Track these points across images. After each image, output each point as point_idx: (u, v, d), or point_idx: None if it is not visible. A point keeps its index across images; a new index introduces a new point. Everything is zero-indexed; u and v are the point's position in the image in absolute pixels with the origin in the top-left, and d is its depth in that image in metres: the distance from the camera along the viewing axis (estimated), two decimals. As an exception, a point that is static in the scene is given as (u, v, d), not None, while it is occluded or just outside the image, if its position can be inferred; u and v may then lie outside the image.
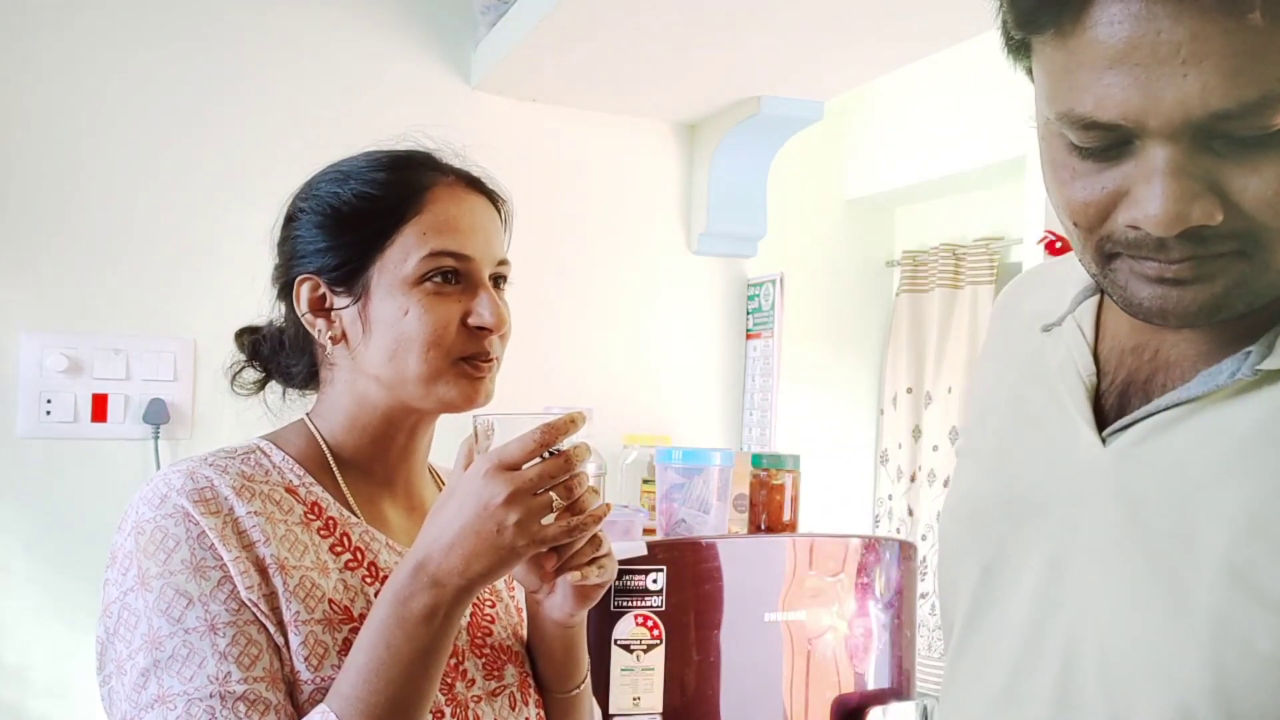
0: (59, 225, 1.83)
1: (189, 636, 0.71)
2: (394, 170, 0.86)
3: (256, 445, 0.85)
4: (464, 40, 2.13)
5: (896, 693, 1.75)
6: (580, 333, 2.23)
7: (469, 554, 0.71)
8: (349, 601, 0.79)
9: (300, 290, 0.85)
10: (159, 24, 1.90)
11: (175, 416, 1.87)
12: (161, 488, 0.76)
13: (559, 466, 0.72)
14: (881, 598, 1.75)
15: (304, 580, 0.77)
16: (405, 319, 0.81)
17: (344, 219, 0.85)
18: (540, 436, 0.72)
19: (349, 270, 0.83)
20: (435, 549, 0.72)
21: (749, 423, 2.34)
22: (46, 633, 1.78)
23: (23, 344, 1.79)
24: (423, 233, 0.82)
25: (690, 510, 1.64)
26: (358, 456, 0.86)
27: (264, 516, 0.77)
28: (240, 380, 0.93)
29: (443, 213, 0.84)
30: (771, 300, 2.29)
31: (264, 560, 0.75)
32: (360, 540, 0.83)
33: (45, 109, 1.82)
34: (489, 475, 0.72)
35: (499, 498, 0.71)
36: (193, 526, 0.74)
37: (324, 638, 0.76)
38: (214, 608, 0.72)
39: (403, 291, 0.82)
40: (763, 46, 1.84)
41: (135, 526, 0.75)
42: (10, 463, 1.79)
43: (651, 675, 1.54)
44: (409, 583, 0.73)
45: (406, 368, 0.82)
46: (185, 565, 0.73)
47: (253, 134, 1.95)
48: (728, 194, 2.29)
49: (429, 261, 0.82)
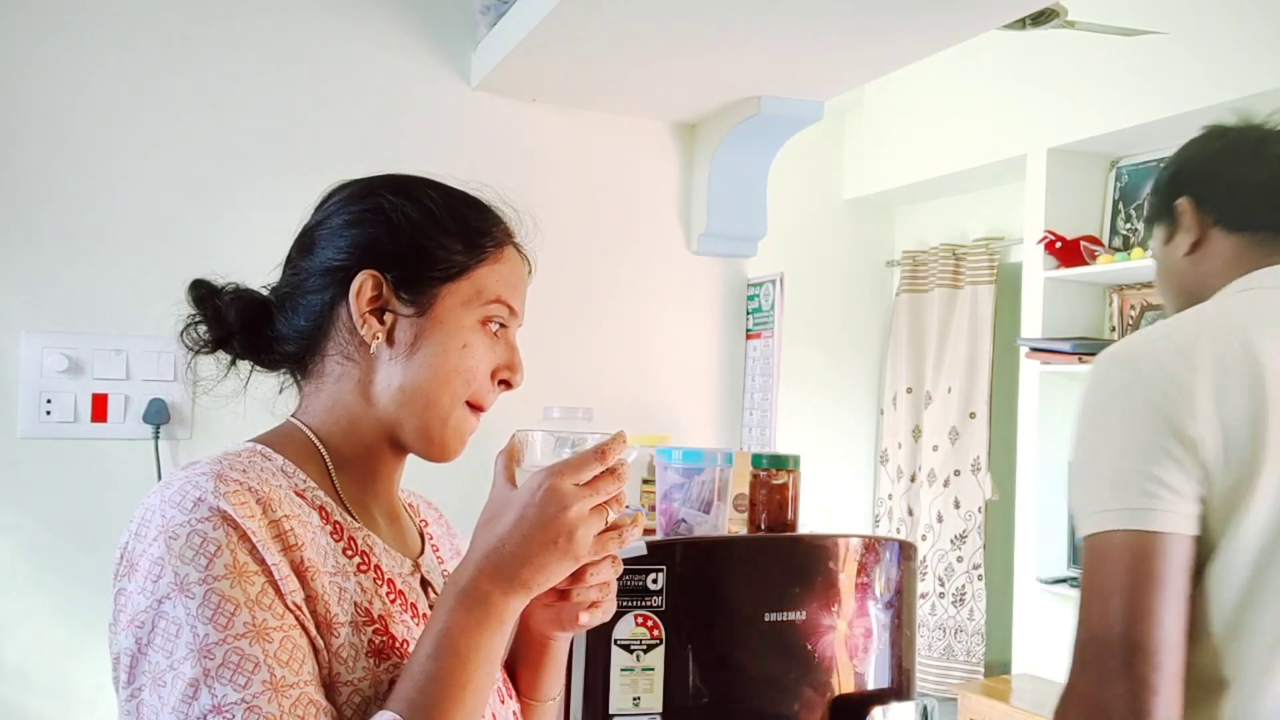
0: (59, 225, 1.83)
1: (239, 643, 0.70)
2: (487, 214, 0.91)
3: (255, 449, 0.83)
4: (464, 40, 2.13)
5: (896, 693, 1.75)
6: (580, 332, 2.23)
7: (538, 563, 0.75)
8: (368, 604, 0.80)
9: (364, 284, 0.85)
10: (159, 25, 1.90)
11: (175, 416, 1.87)
12: (191, 491, 0.74)
13: (611, 481, 0.78)
14: (881, 598, 1.75)
15: (331, 584, 0.78)
16: (463, 351, 0.85)
17: (443, 231, 0.87)
18: (599, 453, 0.78)
19: (423, 282, 0.86)
20: (503, 559, 0.76)
21: (749, 423, 2.34)
22: (46, 633, 1.78)
23: (23, 344, 1.79)
24: (496, 279, 0.88)
25: (690, 510, 1.64)
26: (351, 460, 0.87)
27: (295, 519, 0.77)
28: (191, 334, 0.92)
29: (511, 268, 0.90)
30: (771, 300, 2.29)
31: (301, 564, 0.75)
32: (364, 544, 0.84)
33: (46, 109, 1.82)
34: (553, 488, 0.76)
35: (567, 509, 0.75)
36: (232, 530, 0.73)
37: (354, 639, 0.77)
38: (259, 614, 0.71)
39: (469, 324, 0.86)
40: (763, 46, 1.84)
41: (164, 531, 0.73)
42: (10, 463, 1.79)
43: (651, 675, 1.54)
44: (472, 589, 0.75)
45: (439, 394, 0.85)
46: (229, 570, 0.71)
47: (253, 134, 1.95)
48: (728, 194, 2.29)
49: (496, 307, 0.87)
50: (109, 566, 0.76)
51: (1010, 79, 3.74)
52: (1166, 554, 0.98)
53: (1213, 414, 0.98)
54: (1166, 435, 0.98)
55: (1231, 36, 3.00)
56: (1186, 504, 0.98)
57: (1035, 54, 3.58)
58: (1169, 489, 0.98)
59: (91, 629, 1.78)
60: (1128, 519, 0.99)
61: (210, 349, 0.91)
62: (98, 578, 1.73)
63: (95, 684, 1.79)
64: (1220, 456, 0.98)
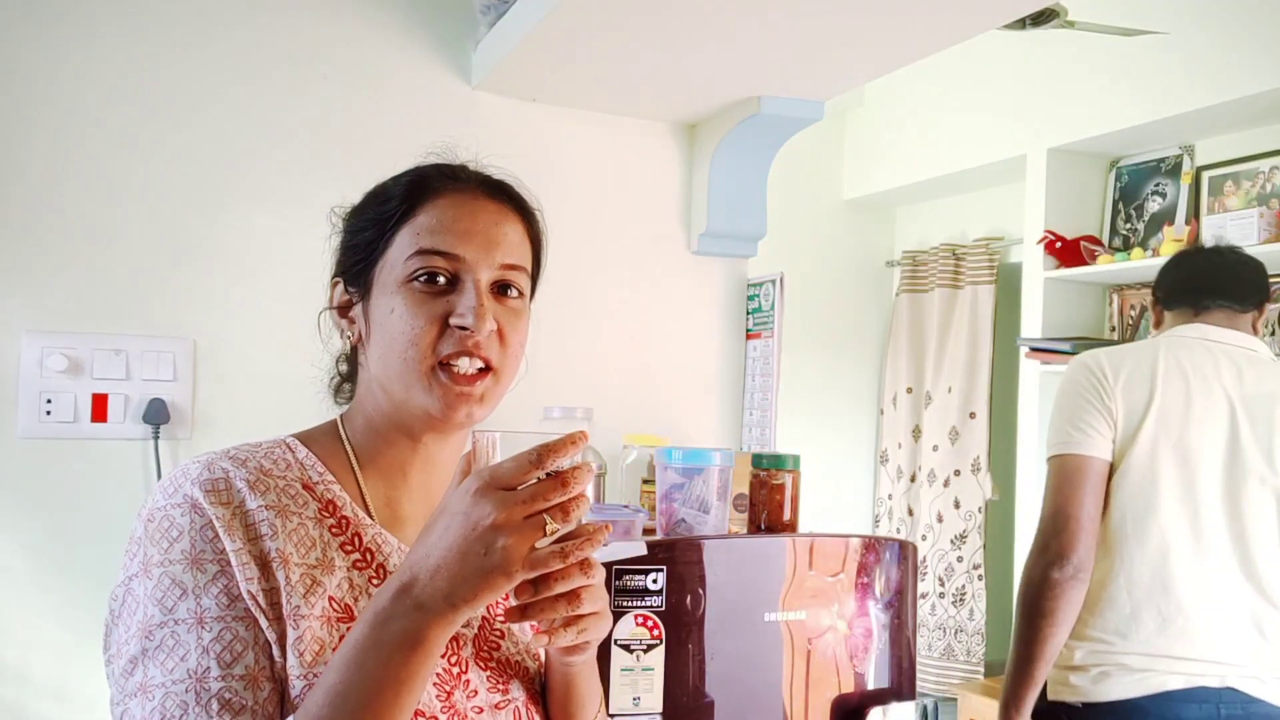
0: (59, 226, 1.83)
1: (177, 628, 0.72)
2: (415, 174, 0.89)
3: (283, 440, 0.87)
4: (464, 40, 2.13)
5: (896, 693, 1.75)
6: (580, 332, 2.23)
7: (455, 577, 0.67)
8: (352, 600, 0.79)
9: (332, 293, 0.91)
10: (159, 25, 1.90)
11: (175, 416, 1.87)
12: (179, 477, 0.78)
13: (553, 487, 0.68)
14: (881, 598, 1.75)
15: (305, 575, 0.77)
16: (391, 317, 0.82)
17: (359, 220, 0.89)
18: (535, 456, 0.68)
19: (358, 270, 0.87)
20: (421, 570, 0.69)
21: (749, 423, 2.34)
22: (46, 633, 1.78)
23: (23, 344, 1.79)
24: (416, 233, 0.84)
25: (690, 510, 1.64)
26: (377, 458, 0.88)
27: (275, 510, 0.78)
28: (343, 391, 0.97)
29: (441, 215, 0.85)
30: (771, 300, 2.29)
31: (268, 554, 0.75)
32: (372, 542, 0.83)
33: (46, 109, 1.82)
34: (479, 494, 0.68)
35: (488, 519, 0.67)
36: (198, 517, 0.75)
37: (320, 634, 0.75)
38: (205, 601, 0.73)
39: (392, 290, 0.83)
40: (763, 46, 1.84)
41: (148, 514, 0.77)
42: (10, 463, 1.79)
43: (651, 675, 1.54)
44: (390, 604, 0.69)
45: (390, 368, 0.83)
46: (184, 556, 0.74)
47: (253, 134, 1.95)
48: (728, 194, 2.29)
49: (416, 260, 0.83)
50: (109, 566, 0.79)
51: (1010, 79, 3.74)
52: (1088, 467, 1.78)
53: (1120, 396, 1.79)
54: (1094, 405, 1.80)
55: (1231, 36, 3.00)
56: (1103, 441, 1.79)
57: (1035, 54, 3.58)
58: (1093, 432, 1.79)
59: (92, 629, 1.77)
60: (1067, 448, 1.80)
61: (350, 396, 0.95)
62: (98, 576, 1.72)
63: (95, 684, 1.78)
64: (1123, 419, 1.78)
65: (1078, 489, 1.76)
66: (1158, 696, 1.68)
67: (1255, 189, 3.24)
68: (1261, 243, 2.97)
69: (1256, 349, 1.83)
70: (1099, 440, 1.78)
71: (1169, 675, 1.69)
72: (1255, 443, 1.74)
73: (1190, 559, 1.73)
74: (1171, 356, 1.80)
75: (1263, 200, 3.19)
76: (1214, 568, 1.73)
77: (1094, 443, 1.78)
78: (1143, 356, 1.81)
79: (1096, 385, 1.80)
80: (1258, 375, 1.78)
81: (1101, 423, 1.78)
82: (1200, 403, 1.76)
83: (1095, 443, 1.78)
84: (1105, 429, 1.78)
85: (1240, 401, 1.75)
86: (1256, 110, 3.09)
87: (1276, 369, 1.81)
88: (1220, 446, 1.75)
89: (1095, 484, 1.76)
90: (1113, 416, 1.78)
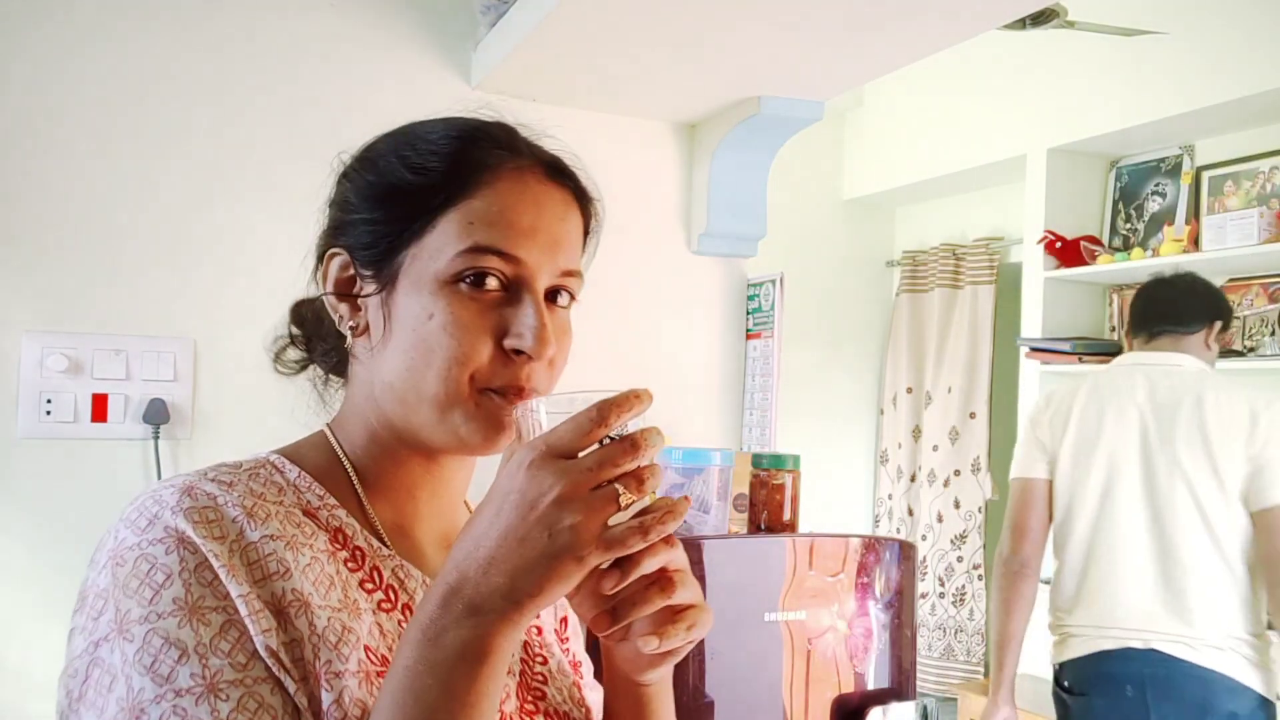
0: (59, 226, 1.83)
1: (181, 701, 0.55)
2: (461, 142, 0.70)
3: (267, 459, 0.70)
4: (464, 40, 2.13)
5: (896, 693, 1.75)
6: (580, 332, 2.22)
7: (515, 568, 0.55)
8: (387, 650, 0.64)
9: (329, 265, 0.72)
10: (159, 25, 1.90)
11: (175, 416, 1.87)
12: (150, 507, 0.61)
13: (623, 451, 0.56)
14: (881, 598, 1.75)
15: (333, 622, 0.61)
16: (429, 324, 0.66)
17: (390, 190, 0.70)
18: (596, 414, 0.56)
19: (382, 251, 0.69)
20: (470, 568, 0.56)
21: (749, 423, 2.34)
22: (47, 633, 1.78)
23: (23, 344, 1.79)
24: (469, 222, 0.67)
25: (690, 510, 1.64)
26: (382, 475, 0.72)
27: (283, 541, 0.62)
28: (284, 359, 0.79)
29: (500, 202, 0.68)
30: (771, 300, 2.29)
31: (283, 597, 0.60)
32: (393, 577, 0.69)
33: (45, 109, 1.82)
34: (535, 466, 0.56)
35: (550, 494, 0.55)
36: (189, 555, 0.58)
37: (360, 694, 0.60)
38: (215, 661, 0.56)
39: (431, 290, 0.67)
40: (763, 46, 1.84)
41: (113, 556, 0.59)
42: (10, 463, 1.79)
43: (651, 675, 1.54)
44: (439, 614, 0.56)
45: (424, 384, 0.67)
46: (178, 606, 0.57)
47: (253, 134, 1.95)
48: (728, 194, 2.29)
49: (468, 258, 0.66)
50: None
51: (1010, 79, 3.74)
52: (1032, 488, 2.27)
53: (1047, 427, 2.26)
54: (1033, 436, 2.29)
55: (1231, 36, 3.00)
56: (1042, 465, 2.26)
57: (1035, 54, 3.58)
58: (1033, 459, 2.27)
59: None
60: (1017, 472, 2.32)
61: (299, 369, 0.80)
62: (98, 578, 1.72)
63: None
64: (1049, 445, 2.25)
65: (1024, 505, 2.27)
66: (1096, 656, 2.14)
67: (1255, 189, 3.24)
68: (1261, 242, 2.97)
69: (1182, 364, 2.17)
70: (1039, 465, 2.27)
71: (1102, 639, 2.13)
72: (1161, 443, 2.10)
73: (1111, 546, 2.14)
74: (1093, 387, 2.23)
75: (1263, 200, 3.19)
76: (1133, 551, 2.12)
77: (1036, 467, 2.27)
78: (1069, 392, 2.28)
79: (1035, 420, 2.31)
80: (1170, 386, 2.13)
81: (1038, 450, 2.28)
82: (1113, 418, 2.17)
83: (1036, 467, 2.27)
84: (1041, 455, 2.27)
85: (1151, 411, 2.13)
86: (1256, 110, 3.09)
87: (1193, 379, 2.13)
88: (1135, 451, 2.13)
89: (1039, 500, 2.26)
90: (1044, 445, 2.27)
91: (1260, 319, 3.20)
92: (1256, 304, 3.23)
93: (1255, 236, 2.98)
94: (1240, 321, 3.25)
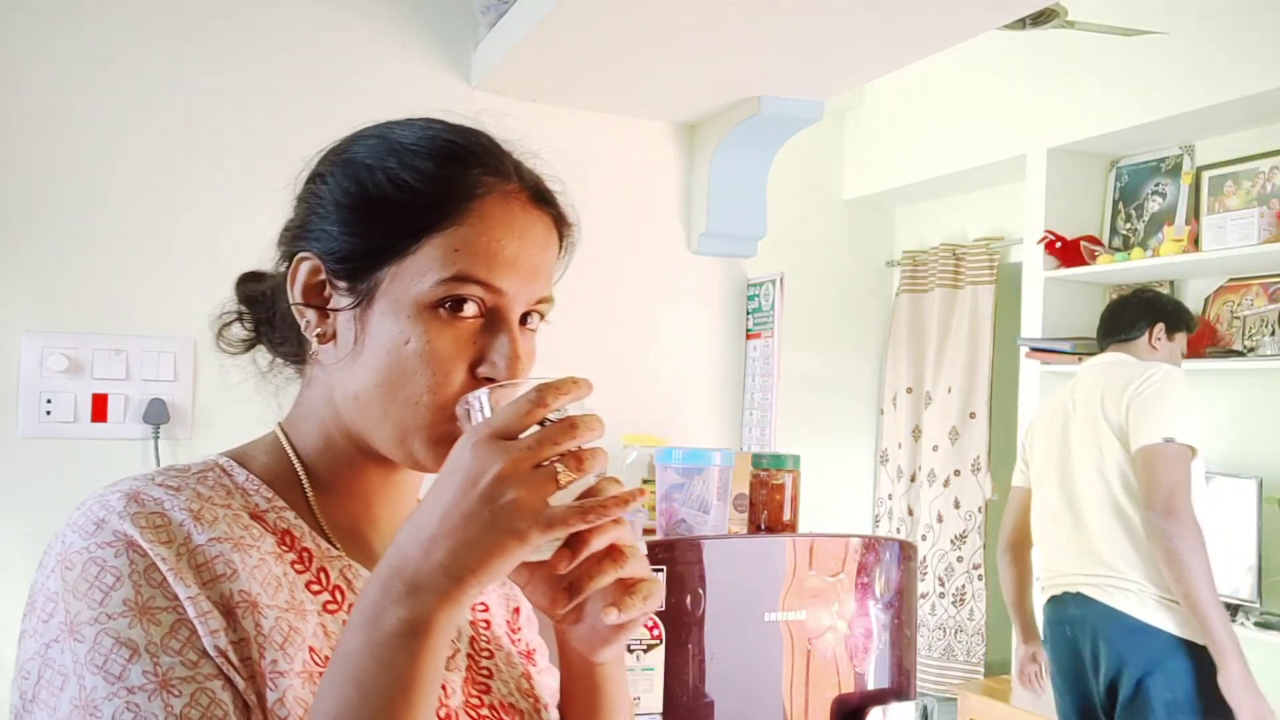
0: (59, 226, 1.83)
1: (134, 697, 0.55)
2: (446, 161, 0.69)
3: (215, 463, 0.71)
4: (464, 40, 2.13)
5: (896, 693, 1.75)
6: (580, 332, 2.23)
7: (456, 545, 0.56)
8: (330, 650, 0.65)
9: (298, 269, 0.71)
10: (158, 25, 1.90)
11: (175, 416, 1.87)
12: (97, 511, 0.62)
13: (561, 430, 0.58)
14: (881, 598, 1.75)
15: (280, 622, 0.62)
16: (405, 348, 0.66)
17: (372, 203, 0.69)
18: (535, 395, 0.58)
19: (359, 266, 0.68)
20: (412, 548, 0.57)
21: (749, 423, 2.34)
22: (46, 633, 1.78)
23: (23, 344, 1.79)
24: (455, 249, 0.66)
25: (690, 510, 1.64)
26: (336, 479, 0.72)
27: (230, 543, 0.63)
28: (227, 335, 0.79)
29: (487, 231, 0.68)
30: (771, 300, 2.29)
31: (231, 598, 0.60)
32: (340, 578, 0.69)
33: (45, 109, 1.82)
34: (478, 446, 0.57)
35: (492, 470, 0.56)
36: (138, 558, 0.59)
37: (303, 693, 0.61)
38: (166, 660, 0.57)
39: (410, 313, 0.66)
40: (763, 46, 1.84)
41: (61, 560, 0.61)
42: (11, 463, 1.79)
43: (651, 675, 1.54)
44: (379, 596, 0.57)
45: (391, 407, 0.67)
46: (128, 607, 0.58)
47: (253, 134, 1.95)
48: (728, 194, 2.29)
49: (450, 286, 0.66)
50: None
51: (1010, 79, 3.74)
52: (1016, 494, 2.74)
53: (1028, 438, 2.72)
54: (1022, 451, 2.76)
55: (1231, 36, 3.00)
56: (1021, 474, 2.72)
57: (1035, 54, 3.58)
58: (1020, 468, 2.74)
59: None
60: (1014, 481, 2.78)
61: (245, 349, 0.79)
62: (98, 578, 1.72)
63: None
64: (1028, 453, 2.68)
65: (1009, 508, 2.78)
66: (1048, 603, 2.58)
67: (1255, 189, 3.24)
68: (1261, 242, 2.97)
69: (1120, 360, 2.50)
70: (1020, 474, 2.75)
71: (1053, 588, 2.56)
72: (1080, 414, 2.48)
73: (1048, 518, 2.57)
74: (1050, 398, 2.74)
75: (1263, 200, 3.19)
76: (1051, 501, 2.54)
77: (1018, 476, 2.76)
78: (1041, 406, 2.84)
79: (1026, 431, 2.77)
80: (1092, 380, 2.47)
81: (1021, 460, 2.74)
82: (1060, 418, 2.55)
83: (1018, 476, 2.76)
84: (1022, 464, 2.73)
85: (1073, 404, 2.50)
86: (1256, 110, 3.09)
87: (1120, 371, 2.42)
88: (1056, 442, 2.54)
89: (1017, 502, 2.74)
90: (1024, 454, 2.73)
91: (1260, 319, 3.20)
92: (1256, 304, 3.23)
93: (1255, 236, 2.98)
94: (1240, 321, 3.25)
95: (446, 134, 0.72)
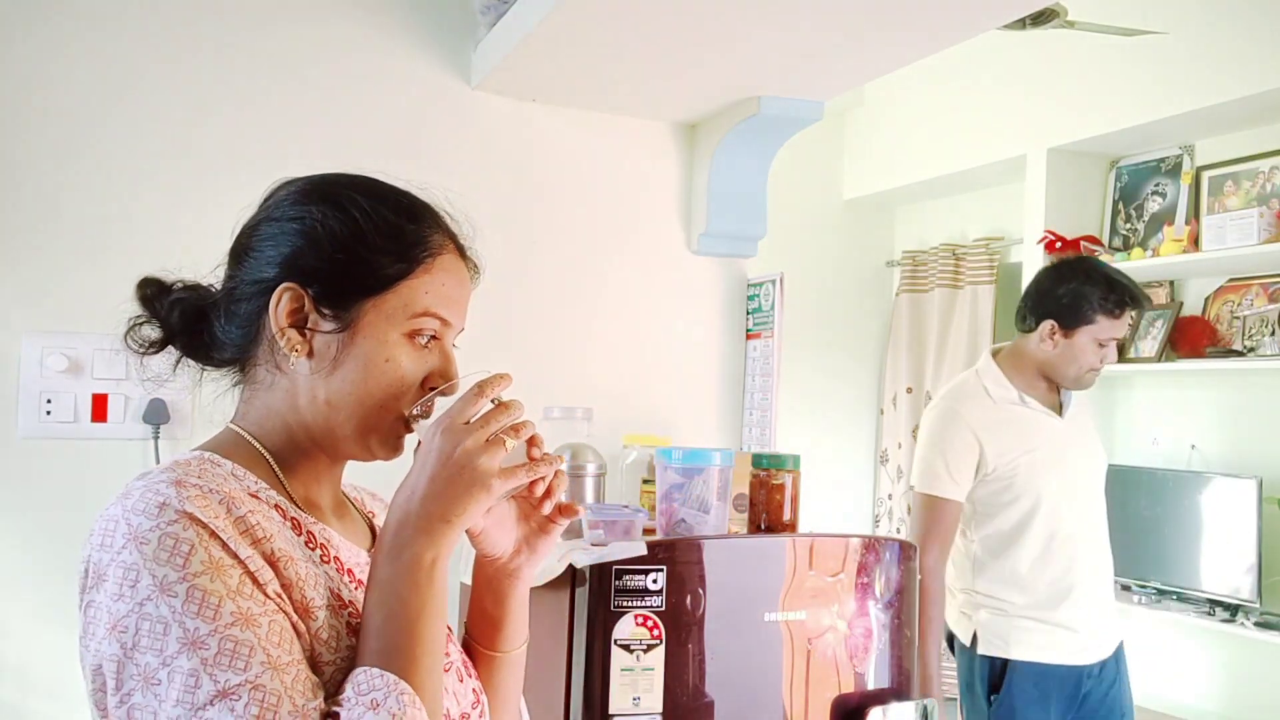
0: (59, 226, 1.83)
1: (231, 631, 0.72)
2: (419, 219, 0.90)
3: (204, 456, 0.85)
4: (464, 40, 2.13)
5: (896, 693, 1.76)
6: (580, 333, 2.23)
7: (444, 498, 0.78)
8: (339, 590, 0.84)
9: (282, 298, 0.86)
10: (159, 25, 1.90)
11: (175, 416, 1.87)
12: (154, 498, 0.76)
13: (500, 411, 0.81)
14: (881, 598, 1.75)
15: (307, 570, 0.80)
16: (384, 365, 0.85)
17: (367, 244, 0.86)
18: (475, 389, 0.81)
19: (346, 295, 0.85)
20: (411, 505, 0.79)
21: (749, 423, 2.34)
22: (46, 633, 1.78)
23: (23, 344, 1.79)
24: (425, 292, 0.87)
25: (690, 510, 1.64)
26: (296, 465, 0.89)
27: (258, 514, 0.79)
28: (136, 334, 0.96)
29: (445, 279, 0.89)
30: (771, 300, 2.29)
31: (273, 555, 0.77)
32: (322, 535, 0.87)
33: (45, 109, 1.82)
34: (445, 433, 0.79)
35: (460, 445, 0.78)
36: (202, 530, 0.74)
37: (333, 622, 0.80)
38: (243, 603, 0.73)
39: (393, 339, 0.86)
40: (763, 46, 1.84)
41: (134, 538, 0.75)
42: (11, 463, 1.79)
43: (651, 675, 1.55)
44: (395, 539, 0.79)
45: (362, 410, 0.86)
46: (206, 566, 0.73)
47: (253, 134, 1.95)
48: (728, 194, 2.29)
49: (420, 320, 0.87)
50: (109, 566, 0.76)
51: (1010, 79, 3.74)
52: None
53: None
54: None
55: (1231, 36, 3.00)
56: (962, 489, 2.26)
57: (1035, 54, 3.58)
58: None
59: (91, 629, 1.78)
60: None
61: (155, 349, 0.96)
62: (98, 578, 1.72)
63: (95, 684, 1.79)
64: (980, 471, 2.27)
65: None
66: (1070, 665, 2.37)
67: (1255, 189, 3.24)
68: (1261, 242, 2.97)
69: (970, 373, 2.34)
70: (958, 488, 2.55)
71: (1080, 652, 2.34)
72: None
73: None
74: None
75: (1263, 200, 3.19)
76: None
77: None
78: None
79: None
80: None
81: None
82: None
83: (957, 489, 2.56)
84: None
85: None
86: (1256, 110, 3.09)
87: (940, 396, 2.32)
88: None
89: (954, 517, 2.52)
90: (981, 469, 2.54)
91: (1260, 319, 3.20)
92: (1256, 304, 3.23)
93: (1255, 236, 2.98)
94: (1240, 321, 3.25)
95: (407, 197, 0.91)
